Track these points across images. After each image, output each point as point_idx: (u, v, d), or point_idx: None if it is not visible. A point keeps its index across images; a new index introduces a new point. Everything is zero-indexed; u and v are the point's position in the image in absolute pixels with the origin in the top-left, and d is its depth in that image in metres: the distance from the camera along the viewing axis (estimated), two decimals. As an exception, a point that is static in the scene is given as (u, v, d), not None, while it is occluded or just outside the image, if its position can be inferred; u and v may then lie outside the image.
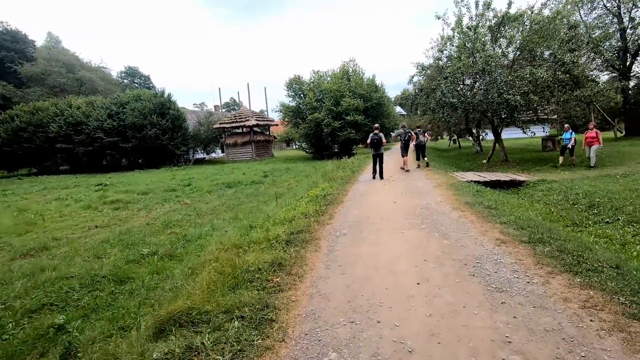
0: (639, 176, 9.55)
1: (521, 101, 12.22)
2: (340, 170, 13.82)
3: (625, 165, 11.79)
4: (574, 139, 13.12)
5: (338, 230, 5.57)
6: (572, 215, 7.11)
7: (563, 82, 13.12)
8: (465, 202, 6.93)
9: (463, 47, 15.19)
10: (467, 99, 14.36)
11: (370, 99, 27.74)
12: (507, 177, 10.81)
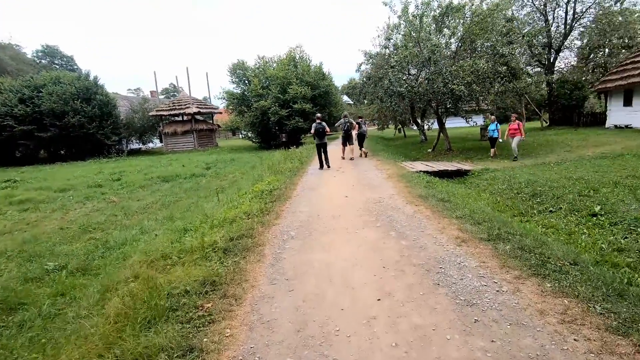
0: (570, 164, 10.15)
1: (465, 91, 12.44)
2: (288, 161, 13.12)
3: (555, 154, 12.59)
4: (499, 130, 13.45)
5: (285, 233, 4.93)
6: (518, 205, 7.20)
7: (501, 74, 13.60)
8: (419, 195, 6.66)
9: (409, 36, 15.13)
10: (413, 88, 14.35)
11: (318, 87, 27.15)
12: (454, 167, 10.94)
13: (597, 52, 26.43)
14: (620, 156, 10.36)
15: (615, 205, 6.02)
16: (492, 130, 13.40)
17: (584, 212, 6.07)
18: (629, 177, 7.62)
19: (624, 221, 5.38)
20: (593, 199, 6.47)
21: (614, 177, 7.69)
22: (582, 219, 5.86)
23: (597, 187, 7.07)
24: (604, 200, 6.34)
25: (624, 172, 8.18)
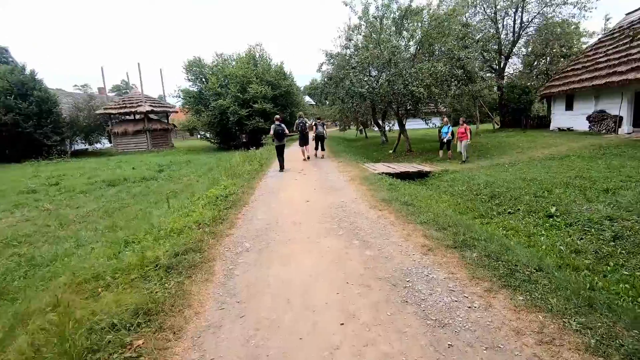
0: (523, 165, 10.54)
1: (425, 93, 12.59)
2: (248, 163, 12.52)
3: (508, 155, 13.10)
4: (451, 132, 13.58)
5: (240, 244, 4.45)
6: (478, 206, 7.24)
7: (458, 77, 13.97)
8: (382, 198, 6.44)
9: (370, 37, 15.14)
10: (375, 89, 14.35)
11: (279, 87, 26.60)
12: (415, 168, 10.98)
13: (540, 59, 28.38)
14: (567, 157, 10.92)
15: (569, 206, 6.18)
16: (445, 132, 13.52)
17: (540, 213, 6.17)
18: (577, 177, 7.95)
19: (578, 222, 5.50)
20: (548, 200, 6.63)
21: (563, 178, 7.99)
22: (540, 220, 5.95)
23: (550, 188, 7.29)
24: (557, 201, 6.50)
25: (572, 172, 8.56)
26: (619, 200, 6.08)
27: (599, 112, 16.57)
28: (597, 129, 16.47)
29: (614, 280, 3.95)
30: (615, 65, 14.80)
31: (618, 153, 10.62)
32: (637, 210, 5.54)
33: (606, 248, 4.66)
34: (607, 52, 16.61)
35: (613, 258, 4.43)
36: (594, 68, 16.66)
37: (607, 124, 15.84)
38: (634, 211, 5.53)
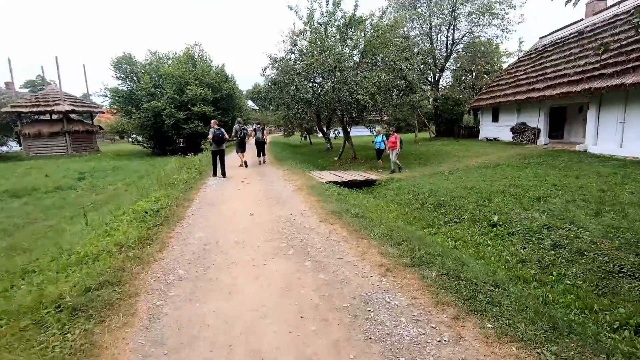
0: (461, 173, 11.02)
1: (370, 101, 12.68)
2: (184, 170, 11.48)
3: (446, 163, 13.72)
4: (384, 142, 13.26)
5: (171, 272, 3.77)
6: (425, 216, 7.27)
7: (400, 87, 14.37)
8: (332, 210, 6.11)
9: (315, 43, 14.98)
10: (320, 96, 14.18)
11: (220, 90, 25.37)
12: (362, 177, 10.93)
13: (467, 75, 30.92)
14: (499, 166, 11.68)
15: (509, 214, 6.42)
16: (379, 142, 13.29)
17: (484, 222, 6.32)
18: (512, 186, 8.42)
19: (519, 231, 5.69)
20: (489, 209, 6.84)
21: (500, 187, 8.41)
22: (484, 230, 6.07)
23: (490, 197, 7.59)
24: (498, 209, 6.74)
25: (506, 181, 9.08)
26: (550, 209, 6.46)
27: (520, 124, 18.25)
28: (520, 140, 18.10)
29: (561, 291, 4.02)
30: (534, 83, 16.40)
31: (540, 162, 11.62)
32: (568, 218, 5.89)
33: (548, 257, 4.81)
34: (527, 71, 18.41)
35: (555, 267, 4.57)
36: (516, 84, 18.33)
37: (528, 135, 17.48)
38: (565, 219, 5.87)
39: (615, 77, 11.20)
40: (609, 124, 12.37)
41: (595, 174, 9.03)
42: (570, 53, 15.38)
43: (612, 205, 6.39)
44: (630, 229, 5.19)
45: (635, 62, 10.62)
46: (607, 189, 7.48)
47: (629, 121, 11.52)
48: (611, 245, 4.75)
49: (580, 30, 16.30)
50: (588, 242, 4.89)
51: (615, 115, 12.03)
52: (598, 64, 12.45)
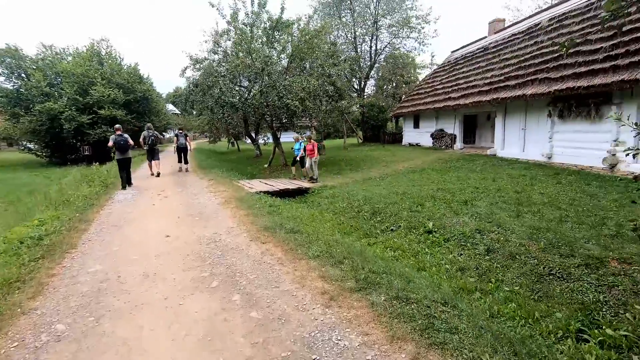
0: (392, 178, 11.20)
1: (300, 106, 12.28)
2: (86, 183, 9.74)
3: (376, 168, 13.94)
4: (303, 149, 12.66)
5: (46, 328, 2.78)
6: (362, 225, 7.01)
7: (329, 93, 14.26)
8: (264, 226, 5.47)
9: (240, 44, 14.16)
10: (247, 100, 13.38)
11: (134, 91, 22.88)
12: (295, 185, 10.40)
13: (388, 84, 32.70)
14: (424, 170, 12.17)
15: (441, 220, 6.46)
16: (297, 149, 12.76)
17: (420, 229, 6.25)
18: (439, 190, 8.68)
19: (454, 236, 5.70)
20: (423, 215, 6.84)
21: (429, 191, 8.60)
22: (421, 237, 5.99)
23: (422, 202, 7.65)
24: (431, 215, 6.77)
25: (433, 185, 9.37)
26: (478, 212, 6.67)
27: (439, 130, 19.57)
28: (439, 145, 19.39)
29: (502, 300, 3.96)
30: (449, 92, 17.71)
31: (460, 166, 12.39)
32: (495, 220, 6.10)
33: (484, 263, 4.81)
34: (442, 81, 19.88)
35: (492, 273, 4.56)
36: (434, 93, 19.66)
37: (446, 141, 18.79)
38: (492, 222, 6.06)
39: (517, 88, 12.47)
40: (513, 130, 13.76)
41: (507, 176, 9.80)
42: (479, 66, 16.93)
43: (529, 206, 6.83)
44: (549, 229, 5.50)
45: (534, 76, 11.93)
46: (521, 190, 8.07)
47: (529, 128, 12.92)
48: (537, 247, 4.93)
49: (485, 47, 18.09)
50: (517, 245, 5.02)
51: (518, 123, 13.42)
52: (503, 77, 13.81)
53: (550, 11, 14.97)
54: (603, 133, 9.87)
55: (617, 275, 4.09)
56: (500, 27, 19.29)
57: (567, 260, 4.50)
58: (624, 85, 8.53)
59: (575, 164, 10.75)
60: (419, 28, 25.50)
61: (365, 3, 26.87)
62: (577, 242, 4.98)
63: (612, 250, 4.67)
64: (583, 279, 4.13)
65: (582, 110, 10.34)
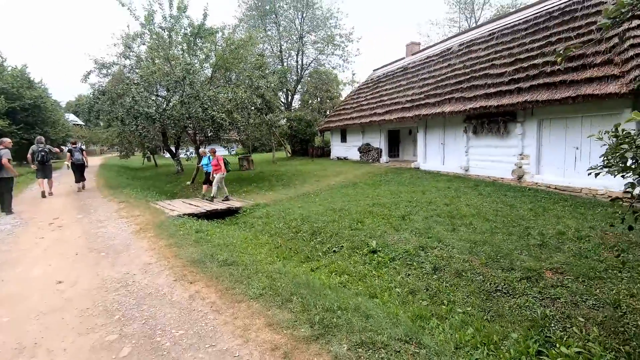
0: (326, 194, 10.94)
1: (227, 119, 11.41)
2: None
3: (308, 183, 13.62)
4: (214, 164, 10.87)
5: None
6: (302, 247, 6.50)
7: (257, 106, 13.64)
8: (192, 259, 4.61)
9: (156, 49, 12.82)
10: (166, 110, 12.05)
11: (21, 98, 19.31)
12: (225, 205, 9.45)
13: (313, 99, 33.28)
14: (357, 184, 12.21)
15: (383, 237, 6.28)
16: (206, 165, 11.53)
17: (363, 249, 5.97)
18: (375, 205, 8.62)
19: (399, 255, 5.52)
20: (364, 232, 6.60)
21: (365, 207, 8.49)
22: (365, 258, 5.69)
23: (361, 219, 7.45)
24: (372, 232, 6.56)
25: (368, 200, 9.31)
26: (416, 227, 6.67)
27: (366, 144, 20.20)
28: (366, 159, 19.97)
29: (459, 324, 3.77)
30: (375, 108, 18.41)
31: (389, 179, 12.72)
32: (435, 236, 6.11)
33: (433, 283, 4.65)
34: (367, 98, 20.66)
35: (443, 294, 4.40)
36: (360, 109, 20.29)
37: (373, 155, 19.44)
38: (432, 237, 6.06)
39: (437, 106, 13.37)
40: (433, 144, 14.69)
41: (435, 189, 10.24)
42: (400, 84, 17.94)
43: (460, 219, 7.06)
44: (485, 242, 5.65)
45: (450, 95, 12.91)
46: (450, 203, 8.40)
47: (447, 142, 13.91)
48: (480, 262, 4.96)
49: (404, 66, 19.32)
50: (461, 262, 5.00)
51: (438, 138, 14.38)
52: (423, 95, 14.74)
53: (459, 37, 16.59)
54: (510, 148, 10.97)
55: (556, 286, 4.23)
56: (416, 50, 20.86)
57: (509, 275, 4.57)
58: (527, 105, 9.57)
59: (489, 176, 11.77)
60: (342, 46, 26.44)
61: (291, 18, 27.08)
62: (512, 253, 5.15)
63: (544, 260, 4.90)
64: (527, 293, 4.18)
65: (492, 127, 11.40)
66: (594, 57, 8.58)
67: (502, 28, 13.36)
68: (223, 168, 10.38)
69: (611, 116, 8.41)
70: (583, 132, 9.05)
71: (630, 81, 7.37)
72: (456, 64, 14.41)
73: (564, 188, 9.41)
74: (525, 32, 11.86)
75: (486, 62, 12.44)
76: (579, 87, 8.38)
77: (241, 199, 11.00)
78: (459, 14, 35.28)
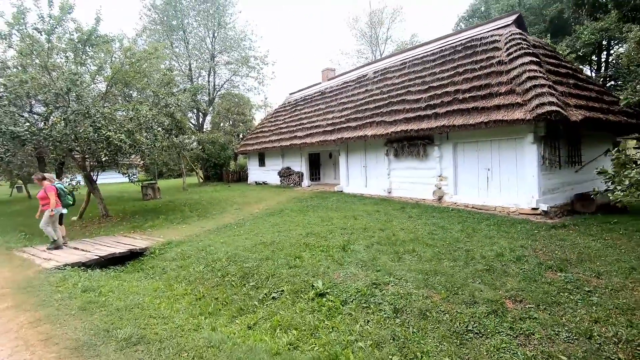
0: (251, 224, 9.78)
1: (127, 141, 9.51)
2: None
3: (228, 212, 12.22)
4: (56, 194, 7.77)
5: None
6: (232, 296, 5.30)
7: (165, 126, 11.94)
8: (75, 344, 3.11)
9: (29, 55, 10.33)
10: (42, 130, 9.58)
11: None
12: (124, 246, 7.55)
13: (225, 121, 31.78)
14: (283, 211, 11.30)
15: (328, 275, 5.50)
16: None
17: (309, 292, 5.07)
18: (309, 235, 7.84)
19: (351, 297, 4.77)
20: (305, 270, 5.73)
21: (299, 238, 7.65)
22: (313, 303, 4.80)
23: (298, 253, 6.57)
24: (314, 270, 5.73)
25: (300, 229, 8.50)
26: (361, 259, 6.07)
27: (286, 168, 19.54)
28: (287, 183, 19.27)
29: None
30: (295, 131, 17.98)
31: (316, 205, 12.14)
32: (383, 268, 5.57)
33: (398, 330, 3.99)
34: (286, 120, 20.20)
35: (412, 343, 3.76)
36: (279, 132, 19.66)
37: (294, 179, 18.83)
38: (381, 269, 5.51)
39: (359, 129, 13.47)
40: (355, 167, 14.75)
41: (365, 213, 9.96)
42: (319, 108, 17.92)
43: (401, 245, 6.72)
44: (436, 271, 5.30)
45: (371, 119, 13.14)
46: (384, 228, 8.11)
47: (369, 165, 14.07)
48: (440, 297, 4.51)
49: (322, 91, 19.48)
50: (422, 299, 4.49)
51: (359, 161, 14.49)
52: (344, 118, 14.80)
53: (373, 65, 17.42)
54: (430, 169, 11.44)
55: (523, 319, 3.95)
56: (331, 75, 21.38)
57: (474, 310, 4.18)
58: (445, 129, 10.07)
59: (411, 197, 12.08)
60: (257, 68, 25.83)
61: (201, 36, 25.57)
62: (467, 283, 4.85)
63: (499, 288, 4.69)
64: (499, 330, 3.80)
65: (412, 149, 11.80)
66: (499, 87, 9.46)
67: (412, 58, 14.30)
68: (54, 201, 7.48)
69: (515, 140, 9.27)
70: (492, 154, 9.82)
71: (532, 109, 8.18)
72: (373, 89, 14.89)
73: (480, 207, 9.99)
74: (434, 62, 12.82)
75: (402, 88, 13.04)
76: (490, 113, 9.07)
77: (147, 235, 9.13)
78: (366, 46, 38.12)
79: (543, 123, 8.46)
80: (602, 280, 4.82)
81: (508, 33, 10.98)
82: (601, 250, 6.03)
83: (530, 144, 8.81)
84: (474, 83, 10.23)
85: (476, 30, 12.80)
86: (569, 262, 5.50)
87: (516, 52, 9.93)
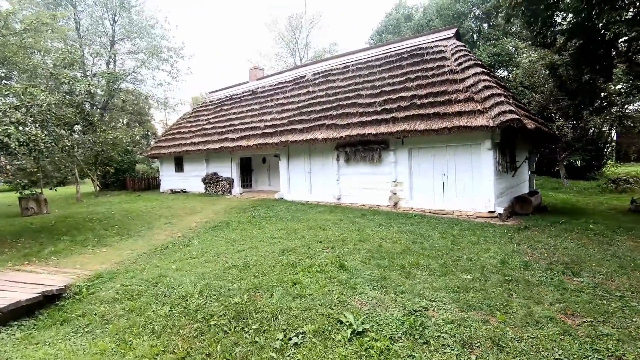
0: (199, 242, 8.01)
1: (19, 136, 6.79)
2: None
3: (158, 229, 9.97)
4: None
5: None
6: (231, 348, 3.85)
7: (70, 120, 9.18)
8: None
9: None
10: None
11: None
12: (30, 288, 5.13)
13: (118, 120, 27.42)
14: (230, 225, 9.71)
15: (348, 304, 4.49)
16: None
17: (342, 330, 3.98)
18: (286, 252, 6.64)
19: (398, 332, 3.88)
20: (317, 300, 4.58)
21: (273, 257, 6.41)
22: (355, 346, 3.73)
23: (291, 278, 5.35)
24: (327, 298, 4.65)
25: (268, 246, 7.22)
26: (370, 279, 5.22)
27: (212, 174, 17.43)
28: (214, 190, 17.19)
29: None
30: (225, 133, 16.14)
31: (265, 215, 10.83)
32: (402, 286, 4.82)
33: (480, 370, 3.27)
34: (211, 121, 18.09)
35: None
36: (203, 133, 17.47)
37: (223, 186, 16.89)
38: (405, 291, 4.75)
39: (305, 132, 12.59)
40: (298, 173, 13.81)
41: (329, 222, 9.14)
42: (252, 109, 16.47)
43: (397, 259, 6.11)
44: (464, 287, 4.78)
45: (319, 122, 12.41)
46: (363, 239, 7.42)
47: (314, 171, 13.31)
48: (499, 321, 3.96)
49: (253, 90, 18.02)
50: (482, 325, 3.85)
51: (303, 166, 13.61)
52: (286, 120, 13.77)
53: (309, 67, 16.79)
54: (384, 175, 11.23)
55: (598, 337, 3.63)
56: (261, 75, 20.05)
57: (544, 332, 3.71)
58: (406, 134, 9.93)
59: (364, 203, 11.70)
60: (171, 61, 22.78)
61: (97, 17, 21.34)
62: (507, 300, 4.43)
63: (541, 301, 4.38)
64: (586, 355, 3.39)
65: (367, 154, 11.44)
66: (457, 94, 9.73)
67: (356, 62, 14.11)
68: None
69: (471, 146, 9.62)
70: (448, 160, 10.05)
71: (495, 116, 8.52)
72: (316, 91, 14.24)
73: (437, 211, 10.11)
74: (380, 68, 12.80)
75: (350, 92, 12.67)
76: (452, 119, 9.22)
77: (54, 267, 6.61)
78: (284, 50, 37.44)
79: (499, 130, 8.91)
80: (618, 283, 4.93)
81: (453, 44, 11.54)
82: (581, 250, 6.39)
83: (487, 150, 9.21)
84: (430, 89, 10.38)
85: (418, 40, 13.23)
86: (571, 266, 5.59)
87: (466, 62, 10.42)
